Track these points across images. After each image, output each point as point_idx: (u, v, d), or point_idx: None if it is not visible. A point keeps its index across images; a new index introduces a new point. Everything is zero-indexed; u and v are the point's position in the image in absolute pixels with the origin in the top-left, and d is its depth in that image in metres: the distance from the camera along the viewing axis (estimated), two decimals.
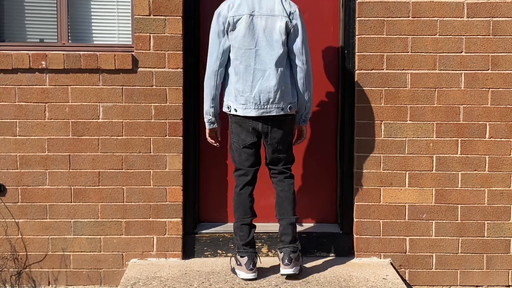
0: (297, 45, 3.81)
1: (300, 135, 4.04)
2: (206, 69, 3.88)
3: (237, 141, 3.88)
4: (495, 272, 4.34)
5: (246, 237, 3.87)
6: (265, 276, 3.93)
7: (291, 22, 3.79)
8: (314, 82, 4.48)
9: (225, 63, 3.84)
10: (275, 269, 4.04)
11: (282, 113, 3.79)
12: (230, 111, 3.84)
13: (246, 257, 3.85)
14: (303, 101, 3.87)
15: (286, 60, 3.83)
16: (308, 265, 4.17)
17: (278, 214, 3.93)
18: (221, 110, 3.94)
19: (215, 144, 4.04)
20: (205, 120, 3.93)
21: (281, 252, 3.88)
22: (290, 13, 3.80)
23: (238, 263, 3.89)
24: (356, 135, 4.29)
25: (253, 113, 3.77)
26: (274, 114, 3.78)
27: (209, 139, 4.02)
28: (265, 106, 3.77)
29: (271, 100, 3.76)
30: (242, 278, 3.86)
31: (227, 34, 3.80)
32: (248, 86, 3.77)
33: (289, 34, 3.80)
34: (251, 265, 3.84)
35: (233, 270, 3.99)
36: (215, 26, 3.83)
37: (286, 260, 3.84)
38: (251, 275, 3.85)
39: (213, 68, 3.83)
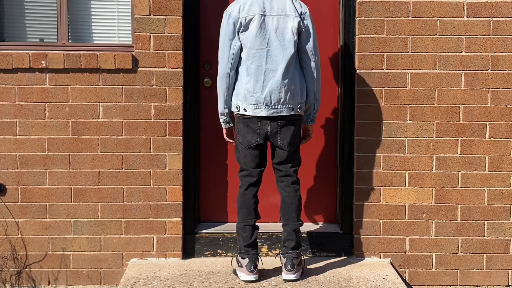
0: (310, 45, 3.80)
1: (306, 134, 4.04)
2: (218, 70, 3.85)
3: (243, 142, 3.88)
4: (495, 272, 4.34)
5: (248, 239, 3.86)
6: (265, 276, 3.93)
7: (303, 22, 3.78)
8: None
9: (236, 64, 3.83)
10: (275, 269, 4.04)
11: (292, 113, 3.78)
12: (239, 111, 3.83)
13: (247, 259, 3.85)
14: (312, 101, 3.87)
15: (296, 60, 3.82)
16: (308, 265, 4.18)
17: (283, 219, 3.92)
18: None
19: (233, 143, 4.04)
20: (221, 120, 3.94)
21: (284, 257, 3.88)
22: (301, 13, 3.79)
23: (239, 264, 3.88)
24: (356, 135, 4.29)
25: (263, 113, 3.76)
26: (284, 114, 3.77)
27: (226, 138, 4.04)
28: (276, 106, 3.76)
29: (282, 100, 3.75)
30: (243, 280, 3.85)
31: (238, 34, 3.78)
32: (259, 86, 3.76)
33: (301, 34, 3.79)
34: (252, 267, 3.83)
35: (234, 272, 3.98)
36: (226, 28, 3.80)
37: (288, 266, 3.85)
38: (252, 277, 3.84)
39: (225, 71, 3.82)
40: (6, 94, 4.20)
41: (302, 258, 3.98)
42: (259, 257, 3.91)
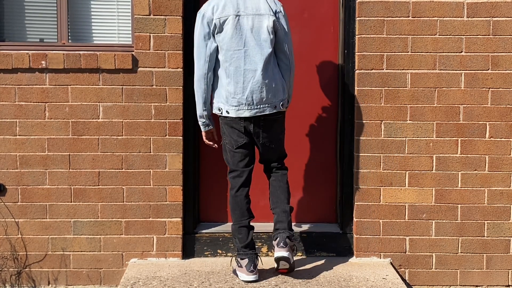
0: (285, 44, 3.81)
1: None
2: (194, 73, 3.85)
3: (230, 143, 3.88)
4: (495, 272, 4.34)
5: (245, 240, 3.86)
6: (265, 276, 3.93)
7: (278, 20, 3.78)
8: (314, 82, 4.50)
9: (214, 65, 3.82)
10: (275, 269, 4.03)
11: (274, 111, 3.79)
12: (221, 113, 3.83)
13: (246, 259, 3.84)
14: (288, 97, 3.92)
15: (273, 58, 3.82)
16: (308, 265, 4.18)
17: (272, 203, 3.92)
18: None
19: (213, 146, 4.03)
20: (200, 123, 3.92)
21: (276, 238, 3.81)
22: (276, 11, 3.79)
23: (239, 265, 3.88)
24: (356, 135, 4.29)
25: (246, 113, 3.76)
26: (267, 113, 3.78)
27: (206, 141, 4.00)
28: (258, 106, 3.76)
29: (264, 99, 3.75)
30: (243, 280, 3.85)
31: (213, 36, 3.77)
32: (239, 88, 3.75)
33: (277, 33, 3.79)
34: (251, 267, 3.83)
35: (234, 272, 3.98)
36: (200, 29, 3.78)
37: (281, 243, 3.77)
38: (251, 277, 3.84)
39: (202, 72, 3.81)
40: (6, 94, 4.20)
41: (295, 246, 3.93)
42: (258, 257, 3.91)
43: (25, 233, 4.26)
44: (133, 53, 4.20)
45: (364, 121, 4.27)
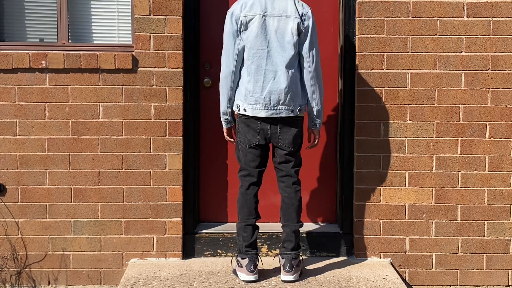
0: (305, 47, 3.78)
1: (312, 139, 4.01)
2: (221, 69, 3.84)
3: (243, 141, 3.87)
4: (495, 272, 4.34)
5: (249, 238, 3.86)
6: (265, 276, 3.93)
7: (303, 23, 3.77)
8: None
9: (241, 63, 3.82)
10: (275, 269, 4.04)
11: (291, 114, 3.78)
12: (239, 110, 3.83)
13: (247, 259, 3.84)
14: (312, 105, 3.85)
15: (297, 62, 3.81)
16: (308, 265, 4.18)
17: (283, 220, 3.92)
18: None
19: (232, 141, 4.02)
20: (222, 119, 3.93)
21: (282, 258, 3.88)
22: (302, 14, 3.78)
23: (239, 264, 3.88)
24: (356, 135, 4.29)
25: (262, 113, 3.76)
26: (283, 115, 3.78)
27: (227, 137, 4.02)
28: (275, 108, 3.76)
29: (281, 101, 3.75)
30: (243, 280, 3.85)
31: (240, 34, 3.78)
32: (258, 87, 3.75)
33: (300, 35, 3.78)
34: (252, 267, 3.83)
35: (234, 272, 3.98)
36: (229, 26, 3.79)
37: (287, 267, 3.84)
38: (251, 277, 3.84)
39: (230, 69, 3.81)
40: (6, 94, 4.20)
41: (301, 259, 3.98)
42: (259, 257, 3.91)
43: (25, 233, 4.26)
44: (133, 53, 4.20)
45: (364, 121, 4.27)
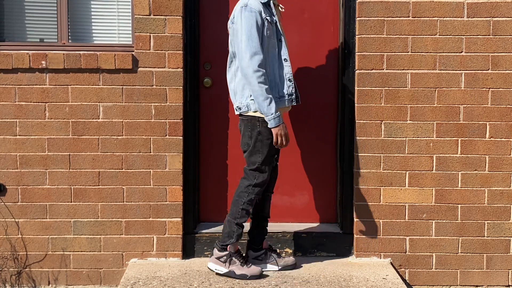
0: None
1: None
2: (245, 68, 3.66)
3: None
4: (495, 272, 4.34)
5: (240, 237, 3.94)
6: (265, 276, 3.93)
7: (233, 18, 3.80)
8: (314, 82, 4.49)
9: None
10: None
11: (237, 113, 3.87)
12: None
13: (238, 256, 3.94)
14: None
15: (236, 60, 3.81)
16: (308, 265, 4.18)
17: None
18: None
19: (285, 143, 3.74)
20: (272, 118, 3.65)
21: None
22: (233, 16, 3.80)
23: (236, 264, 3.93)
24: (356, 135, 4.29)
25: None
26: (237, 113, 3.87)
27: (283, 139, 3.71)
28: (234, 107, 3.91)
29: (232, 100, 3.90)
30: (251, 275, 3.87)
31: None
32: None
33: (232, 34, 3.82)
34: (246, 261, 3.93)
35: (232, 273, 3.98)
36: (253, 21, 3.65)
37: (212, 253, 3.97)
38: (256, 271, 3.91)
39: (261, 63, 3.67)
40: (6, 94, 4.20)
41: (232, 258, 3.90)
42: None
43: (25, 233, 4.26)
44: (133, 53, 4.20)
45: (364, 121, 4.27)
